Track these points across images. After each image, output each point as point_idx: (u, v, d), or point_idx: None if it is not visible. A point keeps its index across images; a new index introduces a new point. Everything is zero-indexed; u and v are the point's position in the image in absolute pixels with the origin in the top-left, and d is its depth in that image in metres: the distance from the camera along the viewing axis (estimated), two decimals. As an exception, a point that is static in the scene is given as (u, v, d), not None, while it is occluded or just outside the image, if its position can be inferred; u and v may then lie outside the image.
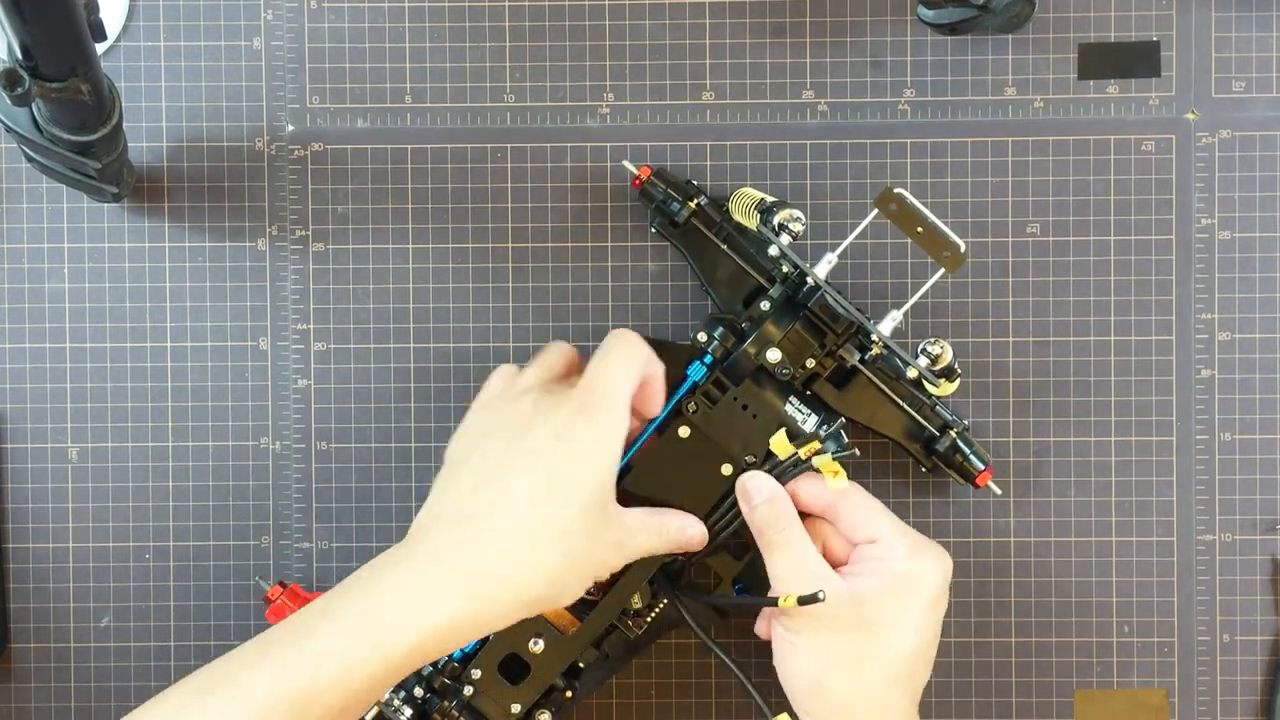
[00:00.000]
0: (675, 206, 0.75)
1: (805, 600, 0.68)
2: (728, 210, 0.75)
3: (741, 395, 0.73)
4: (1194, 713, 0.79)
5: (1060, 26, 0.79)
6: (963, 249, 0.69)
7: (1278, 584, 0.79)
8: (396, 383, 0.79)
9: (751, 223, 0.73)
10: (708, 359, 0.73)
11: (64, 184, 0.74)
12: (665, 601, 0.74)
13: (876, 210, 0.70)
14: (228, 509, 0.79)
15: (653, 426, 0.73)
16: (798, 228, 0.72)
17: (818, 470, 0.71)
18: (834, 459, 0.71)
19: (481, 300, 0.79)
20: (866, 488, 0.78)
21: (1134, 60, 0.79)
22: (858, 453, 0.72)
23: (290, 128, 0.79)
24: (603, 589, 0.73)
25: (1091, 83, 0.79)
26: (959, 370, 0.73)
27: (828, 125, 0.79)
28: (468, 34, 0.79)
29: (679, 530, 0.70)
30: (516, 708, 0.73)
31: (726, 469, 0.72)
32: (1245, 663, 0.79)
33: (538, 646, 0.72)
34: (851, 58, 0.79)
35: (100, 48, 0.70)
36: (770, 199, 0.73)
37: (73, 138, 0.66)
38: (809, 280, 0.72)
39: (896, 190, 0.69)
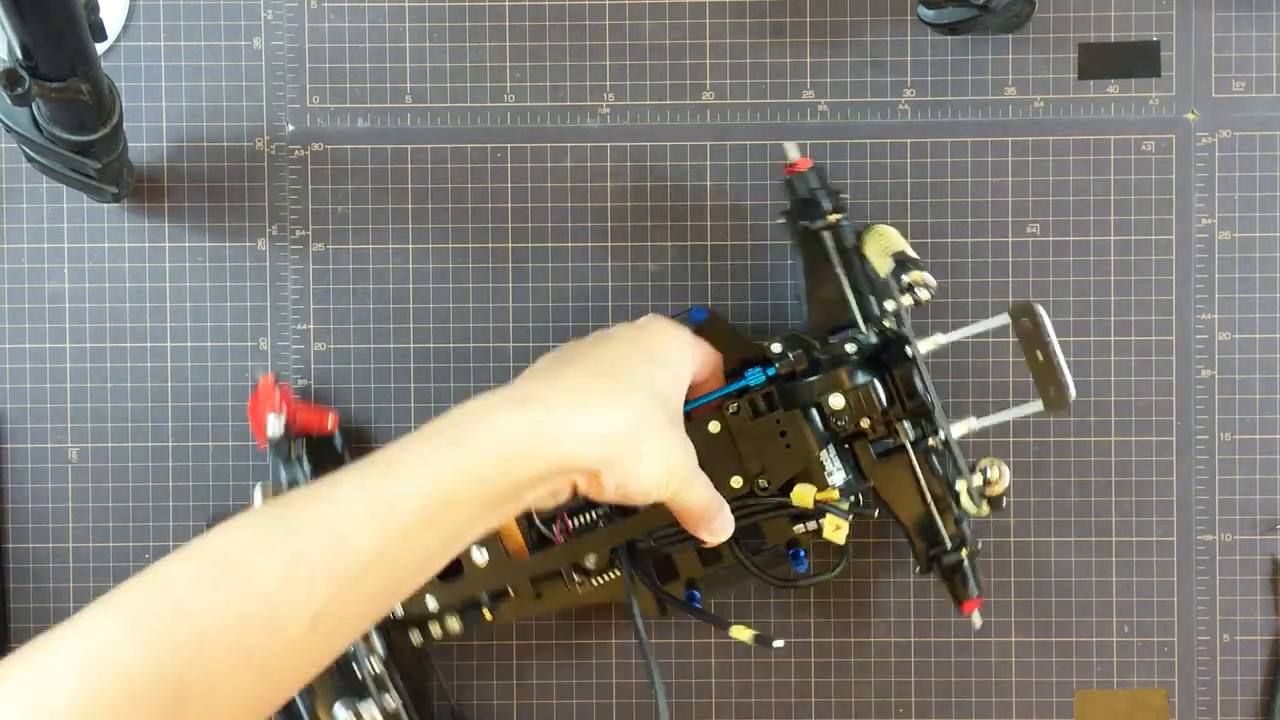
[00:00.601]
0: (817, 213, 0.73)
1: (761, 639, 0.69)
2: (861, 239, 0.73)
3: (785, 422, 0.70)
4: (1194, 713, 0.79)
5: (1060, 26, 0.79)
6: (1072, 395, 0.67)
7: (1278, 584, 0.79)
8: (396, 383, 0.79)
9: (884, 268, 0.71)
10: (771, 371, 0.71)
11: (64, 184, 0.74)
12: (617, 574, 0.73)
13: (1008, 316, 0.68)
14: (228, 510, 0.78)
15: (702, 400, 0.72)
16: (924, 295, 0.70)
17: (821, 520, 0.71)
18: (850, 514, 0.70)
19: (481, 300, 0.79)
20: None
21: (1134, 60, 0.79)
22: (876, 514, 0.72)
23: (290, 128, 0.79)
24: (567, 535, 0.73)
25: (1091, 83, 0.79)
26: (1005, 503, 0.70)
27: (828, 125, 0.79)
28: (468, 34, 0.79)
29: (722, 507, 0.69)
30: (432, 603, 0.72)
31: (737, 481, 0.70)
32: (1245, 663, 0.79)
33: (480, 557, 0.72)
34: (851, 58, 0.79)
35: (100, 48, 0.70)
36: (909, 250, 0.72)
37: (73, 138, 0.66)
38: (906, 347, 0.70)
39: (1036, 306, 0.68)
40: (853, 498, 0.71)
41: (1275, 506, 0.79)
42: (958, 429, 0.70)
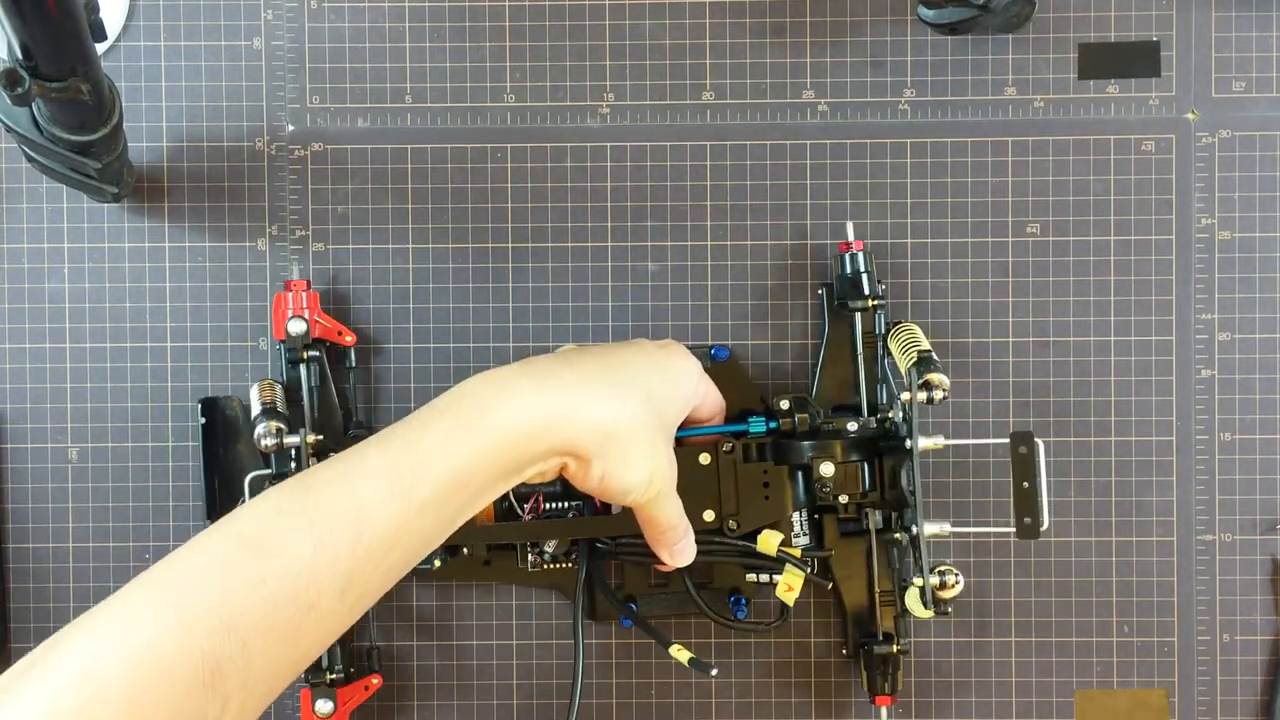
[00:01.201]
0: (857, 294, 0.75)
1: (696, 663, 0.71)
2: (890, 331, 0.76)
3: (771, 474, 0.74)
4: (1194, 713, 0.79)
5: (1060, 26, 0.79)
6: (1044, 526, 0.69)
7: (1278, 584, 0.79)
8: (397, 383, 0.78)
9: (904, 362, 0.73)
10: (774, 424, 0.74)
11: (64, 184, 0.74)
12: (568, 566, 0.76)
13: (1009, 440, 0.70)
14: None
15: (701, 431, 0.74)
16: (939, 395, 0.71)
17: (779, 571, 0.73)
18: (807, 568, 0.73)
19: (481, 300, 0.79)
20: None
21: (1134, 60, 0.79)
22: (830, 585, 0.75)
23: (290, 128, 0.79)
24: (536, 516, 0.75)
25: (1091, 83, 0.79)
26: (949, 612, 0.73)
27: (828, 125, 0.79)
28: (468, 34, 0.79)
29: (687, 533, 0.71)
30: None
31: (709, 515, 0.73)
32: (1245, 663, 0.79)
33: None
34: (851, 58, 0.79)
35: (100, 48, 0.70)
36: (930, 350, 0.73)
37: (73, 138, 0.66)
38: (906, 441, 0.71)
39: (1036, 440, 0.69)
40: (810, 563, 0.74)
41: (1275, 506, 0.79)
42: (930, 528, 0.71)
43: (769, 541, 0.72)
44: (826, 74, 0.79)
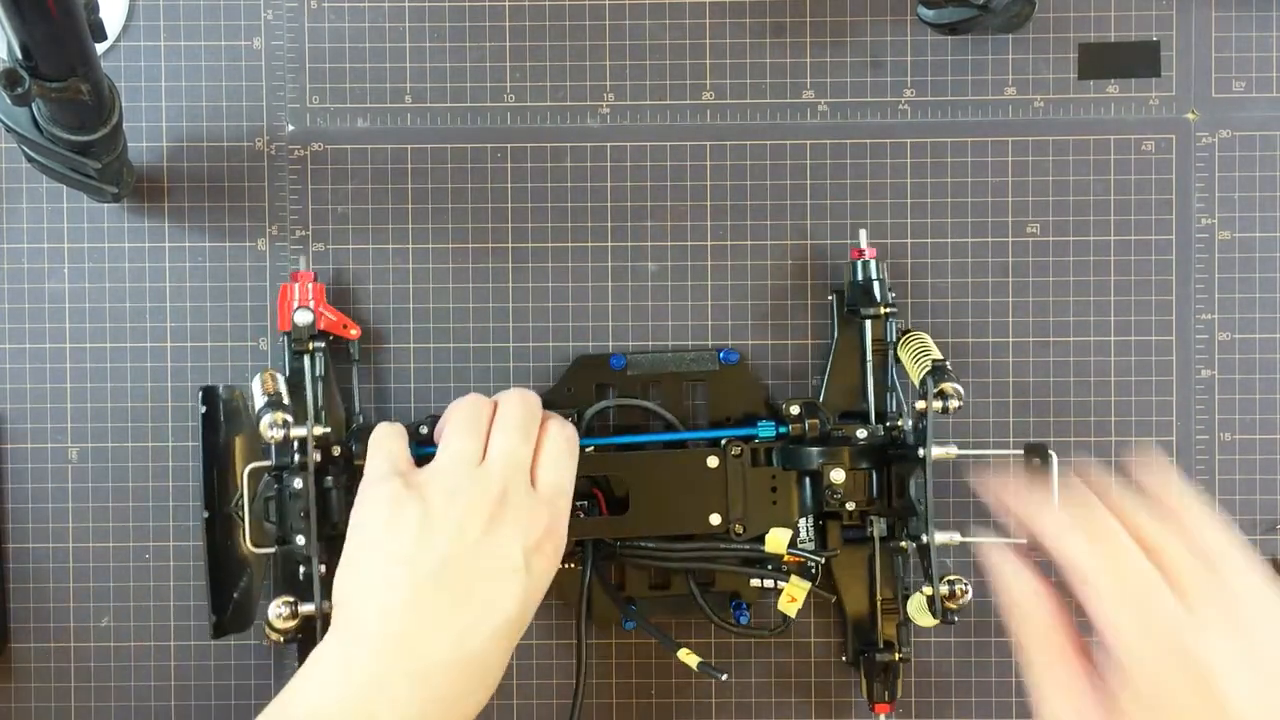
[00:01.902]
0: (869, 301, 0.75)
1: (706, 668, 0.71)
2: (900, 339, 0.75)
3: (779, 479, 0.74)
4: (1194, 713, 0.78)
5: (1060, 26, 0.79)
6: None
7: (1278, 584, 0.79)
8: (397, 383, 0.79)
9: (915, 373, 0.73)
10: (784, 429, 0.74)
11: (64, 184, 0.74)
12: (573, 566, 0.75)
13: (1023, 451, 0.71)
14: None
15: (703, 434, 0.74)
16: (953, 404, 0.71)
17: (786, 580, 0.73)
18: (814, 570, 0.73)
19: (481, 300, 0.79)
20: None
21: (1134, 60, 0.79)
22: (835, 599, 0.75)
23: (290, 128, 0.79)
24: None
25: (1091, 83, 0.79)
26: (955, 620, 0.73)
27: (828, 125, 0.79)
28: (468, 34, 0.79)
29: None
30: None
31: (715, 519, 0.73)
32: (1245, 663, 0.79)
33: None
34: (851, 58, 0.79)
35: (100, 48, 0.70)
36: (943, 360, 0.73)
37: (73, 138, 0.66)
38: (917, 449, 0.71)
39: (1051, 453, 0.70)
40: (814, 568, 0.74)
41: (1275, 506, 0.79)
42: (941, 537, 0.71)
43: (778, 540, 0.72)
44: (826, 74, 0.79)
